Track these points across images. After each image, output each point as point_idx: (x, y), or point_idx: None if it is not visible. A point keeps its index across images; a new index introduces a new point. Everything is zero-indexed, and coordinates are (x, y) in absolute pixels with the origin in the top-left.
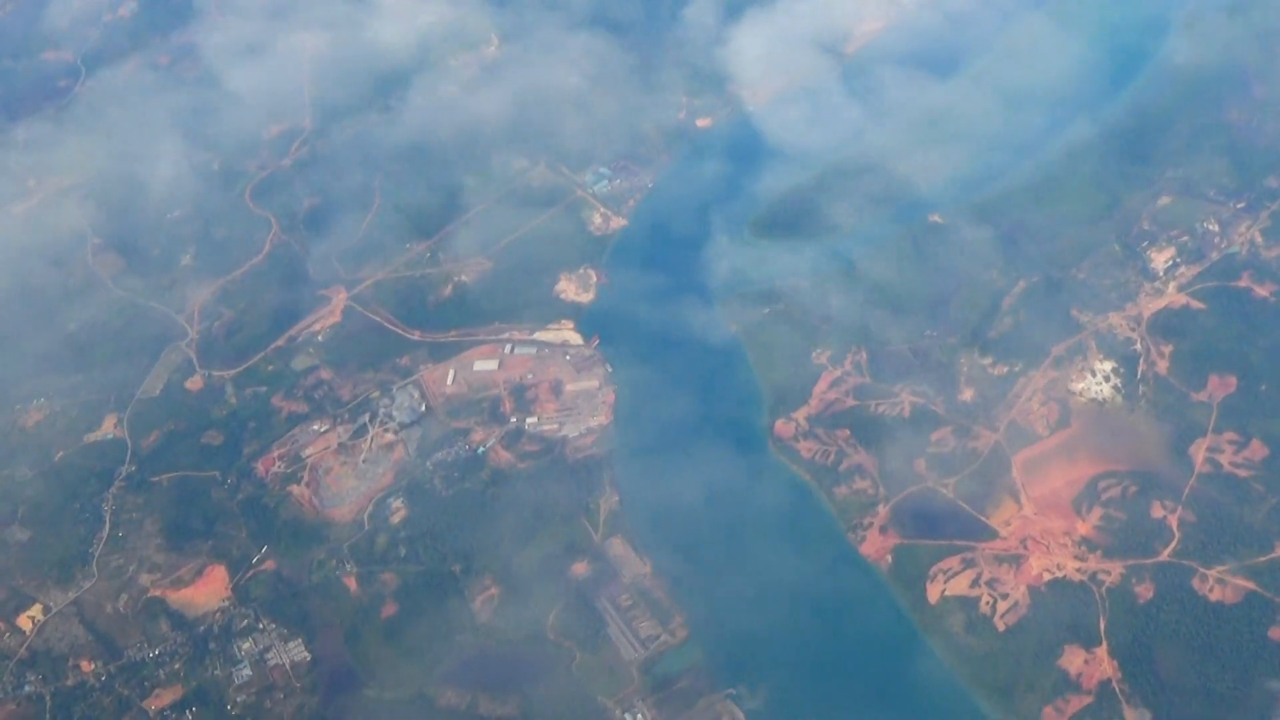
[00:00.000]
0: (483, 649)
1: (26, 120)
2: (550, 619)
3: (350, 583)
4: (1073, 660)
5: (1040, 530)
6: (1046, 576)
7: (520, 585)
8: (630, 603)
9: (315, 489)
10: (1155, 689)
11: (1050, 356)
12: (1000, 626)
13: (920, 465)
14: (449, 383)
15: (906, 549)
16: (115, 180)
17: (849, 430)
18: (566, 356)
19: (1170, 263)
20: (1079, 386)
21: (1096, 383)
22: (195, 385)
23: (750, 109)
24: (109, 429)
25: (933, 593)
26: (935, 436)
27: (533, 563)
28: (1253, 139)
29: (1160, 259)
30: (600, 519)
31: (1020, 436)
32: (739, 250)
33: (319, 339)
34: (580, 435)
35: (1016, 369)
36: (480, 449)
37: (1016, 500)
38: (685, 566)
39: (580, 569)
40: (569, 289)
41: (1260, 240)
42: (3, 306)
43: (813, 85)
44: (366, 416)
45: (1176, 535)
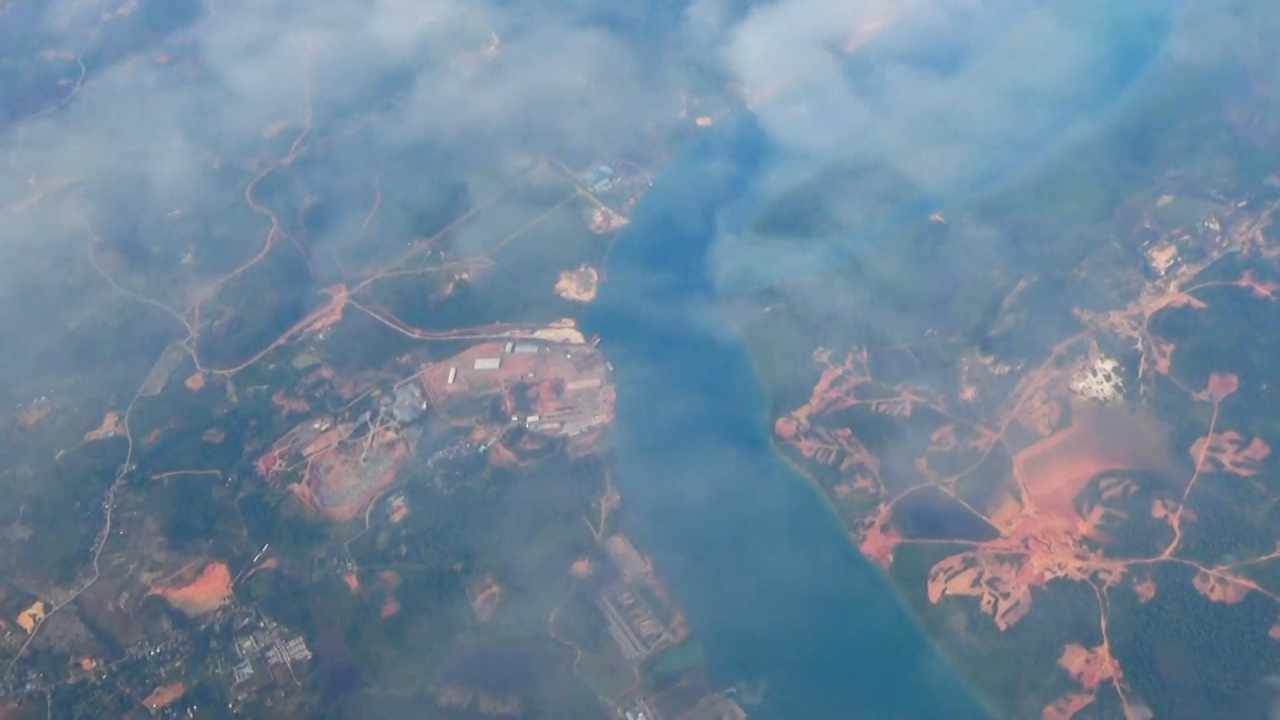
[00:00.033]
0: (484, 648)
1: (27, 119)
2: (551, 618)
3: (351, 581)
4: (1074, 659)
5: (1041, 529)
6: (1048, 576)
7: (521, 584)
8: (631, 601)
9: (316, 487)
10: (1156, 688)
11: (1051, 356)
12: (1001, 626)
13: (921, 464)
14: (450, 381)
15: (908, 548)
16: (116, 179)
17: (850, 429)
18: (568, 355)
19: (1171, 262)
20: (1080, 385)
21: (1098, 382)
22: (196, 384)
23: (751, 108)
24: (110, 427)
25: (934, 592)
26: (936, 435)
27: (534, 561)
28: (1254, 138)
29: (1161, 258)
30: (601, 518)
31: (1021, 436)
32: (740, 249)
33: (320, 337)
34: (581, 434)
35: (1018, 368)
36: (481, 448)
37: (1018, 499)
38: (686, 565)
39: (581, 568)
40: (570, 288)
41: (1261, 239)
42: (4, 305)
43: (813, 84)
44: (367, 415)
45: (1178, 534)
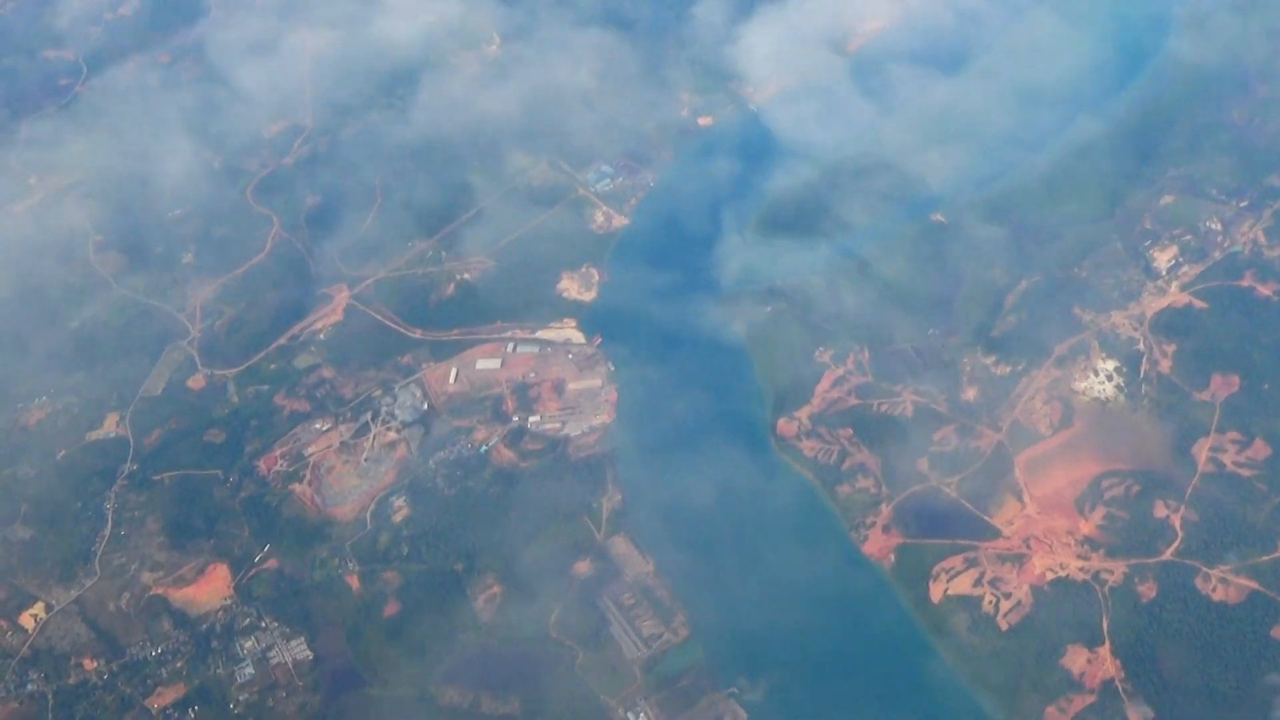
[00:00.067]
0: (485, 648)
1: (28, 119)
2: (553, 618)
3: (352, 581)
4: (1075, 659)
5: (1043, 529)
6: (1049, 576)
7: (523, 584)
8: (633, 601)
9: (317, 487)
10: (1158, 688)
11: (1053, 356)
12: (1003, 626)
13: (923, 464)
14: (451, 381)
15: (909, 548)
16: (117, 178)
17: (852, 429)
18: (569, 355)
19: (1173, 262)
20: (1082, 386)
21: (1099, 382)
22: (197, 384)
23: (752, 107)
24: (111, 427)
25: (935, 592)
26: (938, 435)
27: (535, 561)
28: (1255, 138)
29: (1163, 258)
30: (603, 518)
31: (1023, 436)
32: (742, 249)
33: (321, 337)
34: (583, 434)
35: (1019, 368)
36: (483, 448)
37: (1019, 499)
38: (688, 565)
39: (583, 568)
40: (571, 287)
41: (1263, 239)
42: (5, 305)
43: (814, 83)
44: (369, 415)
45: (1179, 534)
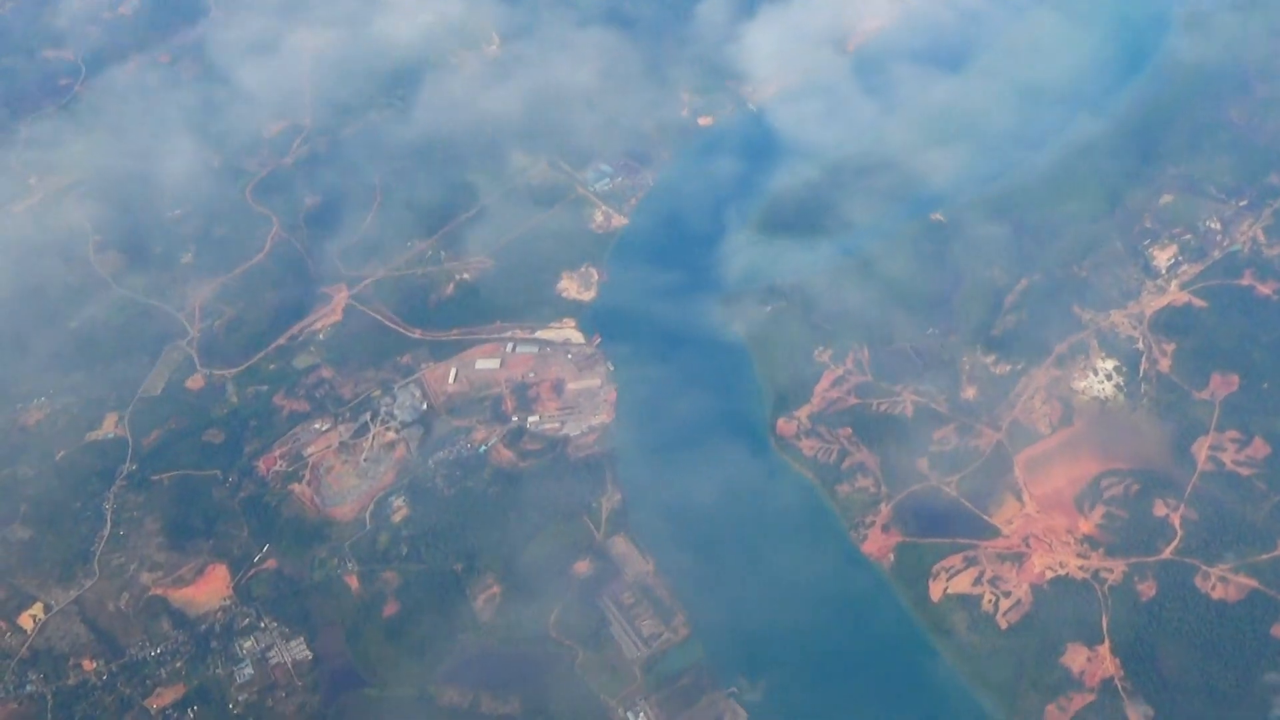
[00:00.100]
0: (485, 648)
1: (27, 118)
2: (552, 618)
3: (352, 581)
4: (1075, 658)
5: (1043, 528)
6: (1049, 574)
7: (522, 584)
8: (632, 601)
9: (317, 488)
10: (1158, 686)
11: (1052, 355)
12: (1003, 624)
13: (922, 463)
14: (450, 381)
15: (909, 547)
16: (116, 178)
17: (851, 428)
18: (568, 355)
19: (1172, 261)
20: (1081, 385)
21: (1099, 381)
22: (196, 384)
23: (752, 106)
24: (110, 428)
25: (935, 591)
26: (937, 435)
27: (535, 561)
28: (1254, 137)
29: (1162, 257)
30: (602, 517)
31: (1022, 435)
32: (741, 248)
33: (320, 337)
34: (582, 434)
35: (1019, 367)
36: (482, 448)
37: (1019, 498)
38: (688, 565)
39: (582, 567)
40: (570, 287)
41: (1262, 238)
42: (4, 305)
43: (814, 83)
44: (368, 415)
45: (1179, 533)
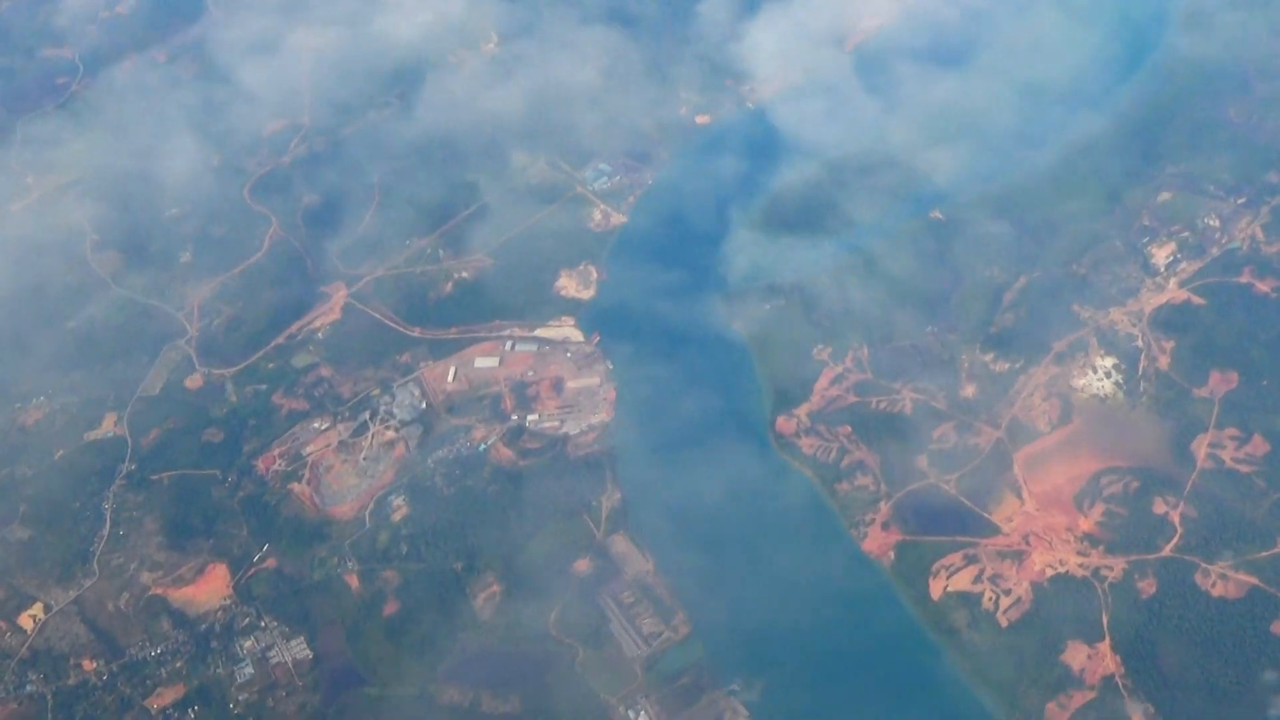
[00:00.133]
0: (485, 647)
1: (25, 117)
2: (553, 616)
3: (352, 580)
4: (1075, 656)
5: (1042, 526)
6: (1049, 572)
7: (522, 583)
8: (633, 600)
9: (316, 487)
10: (1158, 684)
11: (1052, 352)
12: (1003, 622)
13: (922, 461)
14: (450, 380)
15: (909, 545)
16: (114, 177)
17: (850, 427)
18: (567, 353)
19: (1171, 258)
20: (1080, 383)
21: (1098, 379)
22: (195, 383)
23: (750, 105)
24: (109, 427)
25: (935, 589)
26: (937, 433)
27: (535, 560)
28: (1253, 135)
29: (1161, 254)
30: (602, 516)
31: (1022, 433)
32: (740, 246)
33: (319, 336)
34: (582, 432)
35: (1018, 365)
36: (481, 446)
37: (1019, 496)
38: (688, 563)
39: (582, 566)
40: (569, 286)
41: (1261, 236)
42: (2, 304)
43: (813, 81)
44: (367, 414)
45: (1179, 531)
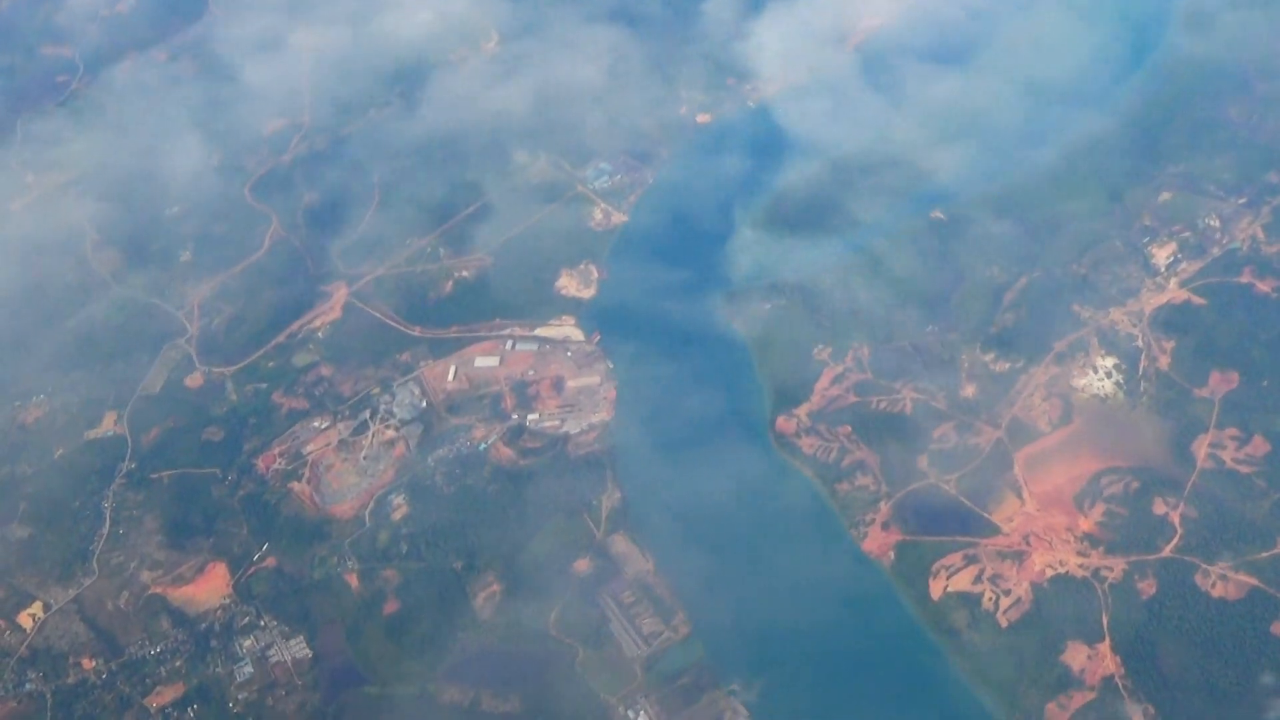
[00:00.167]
0: (485, 646)
1: (25, 116)
2: (553, 616)
3: (352, 580)
4: (1075, 656)
5: (1043, 526)
6: (1049, 573)
7: (522, 582)
8: (633, 599)
9: (316, 486)
10: (1158, 685)
11: (1052, 352)
12: (1003, 622)
13: (922, 461)
14: (450, 379)
15: (909, 545)
16: (114, 176)
17: (851, 426)
18: (568, 353)
19: (1172, 258)
20: (1081, 383)
21: (1098, 379)
22: (195, 382)
23: (751, 104)
24: (109, 426)
25: (935, 589)
26: (937, 433)
27: (535, 559)
28: (1254, 135)
29: (1162, 255)
30: (602, 516)
31: (1022, 433)
32: (741, 246)
33: (319, 335)
34: (582, 432)
35: (1018, 365)
36: (482, 446)
37: (1019, 496)
38: (688, 563)
39: (583, 566)
40: (570, 285)
41: (1262, 236)
42: (2, 303)
43: (813, 80)
44: (367, 413)
45: (1179, 531)
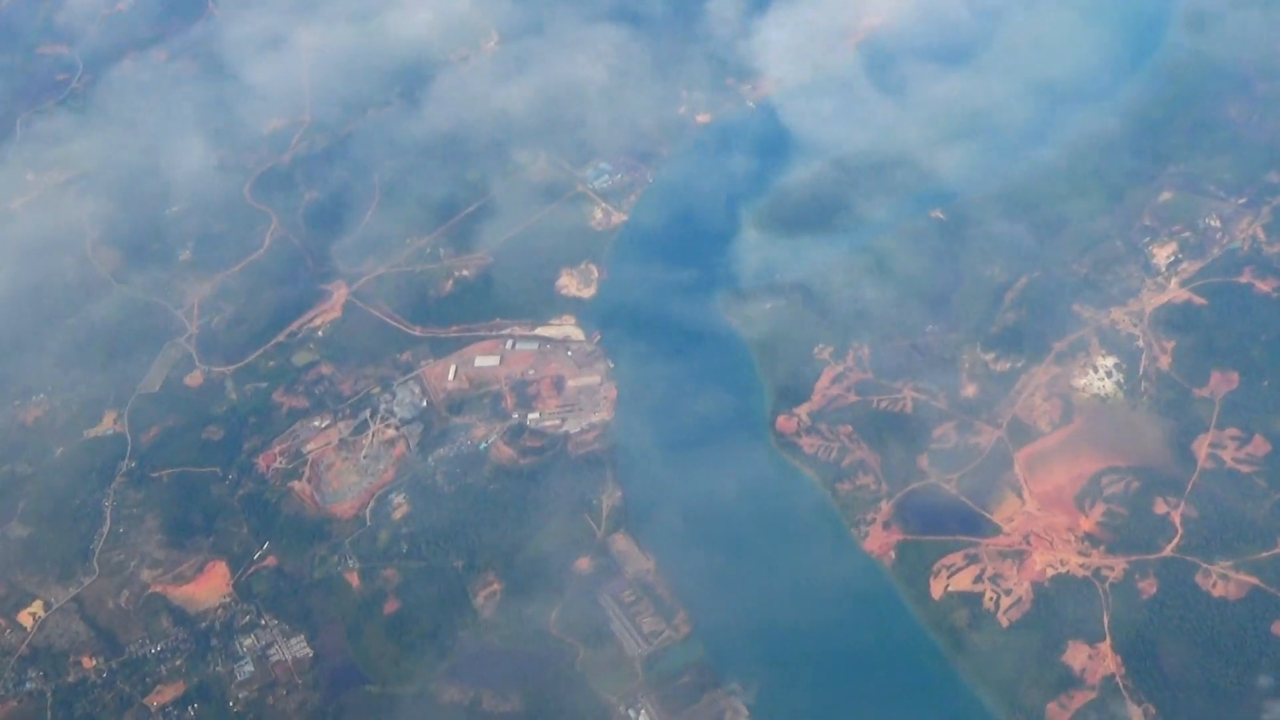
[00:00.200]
0: (485, 645)
1: (25, 115)
2: (553, 615)
3: (352, 579)
4: (1076, 656)
5: (1043, 526)
6: (1050, 572)
7: (523, 581)
8: (633, 598)
9: (316, 485)
10: (1159, 684)
11: (1052, 352)
12: (1004, 622)
13: (923, 461)
14: (450, 378)
15: (910, 545)
16: (114, 175)
17: (851, 426)
18: (568, 352)
19: (1172, 258)
20: (1081, 382)
21: (1099, 379)
22: (195, 381)
23: (751, 104)
24: (109, 425)
25: (936, 588)
26: (938, 432)
27: (535, 559)
28: (1254, 135)
29: (1162, 254)
30: (603, 515)
31: (1023, 432)
32: (741, 245)
33: (319, 334)
34: (582, 431)
35: (1019, 365)
36: (482, 445)
37: (1019, 496)
38: (688, 562)
39: (583, 565)
40: (570, 284)
41: (1262, 236)
42: (2, 302)
43: (813, 80)
44: (367, 412)
45: (1179, 531)
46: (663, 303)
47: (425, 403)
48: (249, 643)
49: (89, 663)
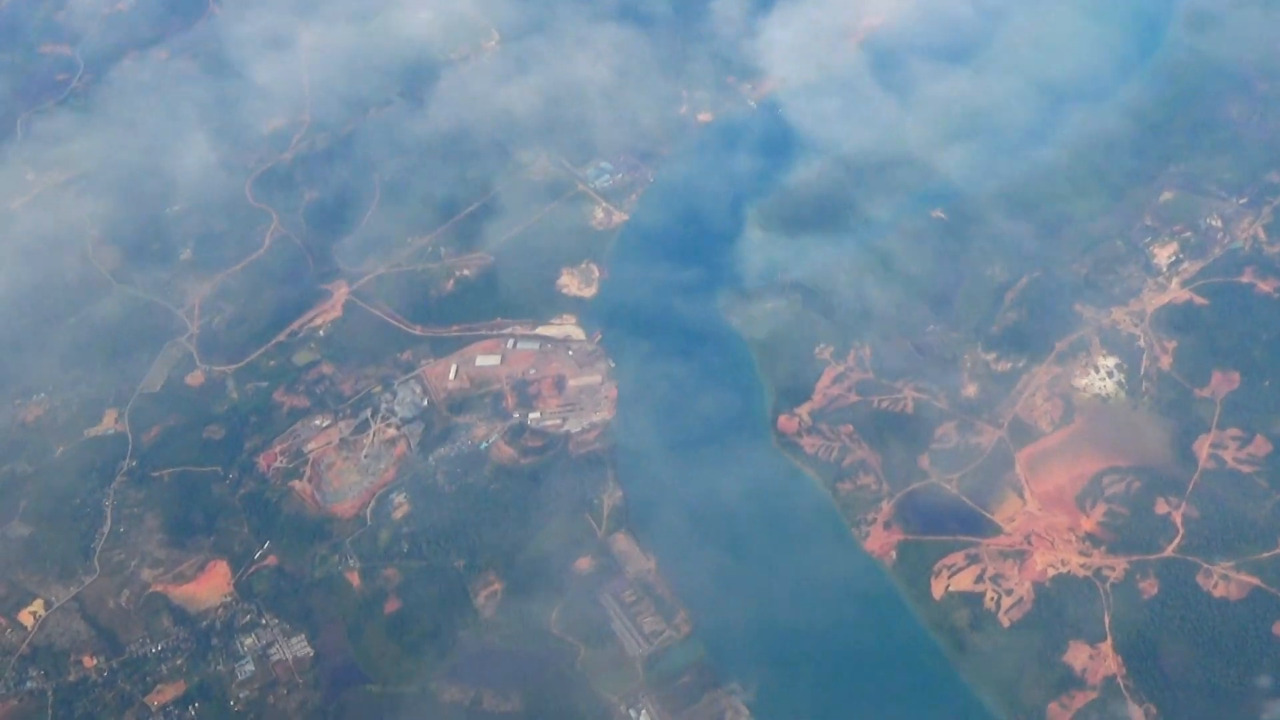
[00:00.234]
0: (486, 645)
1: (25, 114)
2: (554, 615)
3: (353, 578)
4: (1077, 656)
5: (1044, 526)
6: (1051, 572)
7: (524, 581)
8: (634, 598)
9: (317, 484)
10: (1160, 684)
11: (1054, 352)
12: (1005, 622)
13: (924, 461)
14: (451, 378)
15: (911, 545)
16: (115, 174)
17: (853, 426)
18: (569, 351)
19: (1173, 258)
20: (1082, 382)
21: (1100, 379)
22: (196, 380)
23: (752, 103)
24: (109, 424)
25: (937, 588)
26: (939, 432)
27: (536, 558)
28: (1255, 134)
29: (1163, 254)
30: (604, 514)
31: (1024, 432)
32: (742, 245)
33: (320, 334)
34: (583, 430)
35: (1020, 365)
36: (483, 444)
37: (1020, 496)
38: (689, 562)
39: (584, 565)
40: (571, 284)
41: (1263, 236)
42: (2, 301)
43: (814, 79)
44: (368, 412)
45: (1180, 531)
46: (664, 302)
47: (426, 402)
48: (250, 642)
49: (90, 662)
